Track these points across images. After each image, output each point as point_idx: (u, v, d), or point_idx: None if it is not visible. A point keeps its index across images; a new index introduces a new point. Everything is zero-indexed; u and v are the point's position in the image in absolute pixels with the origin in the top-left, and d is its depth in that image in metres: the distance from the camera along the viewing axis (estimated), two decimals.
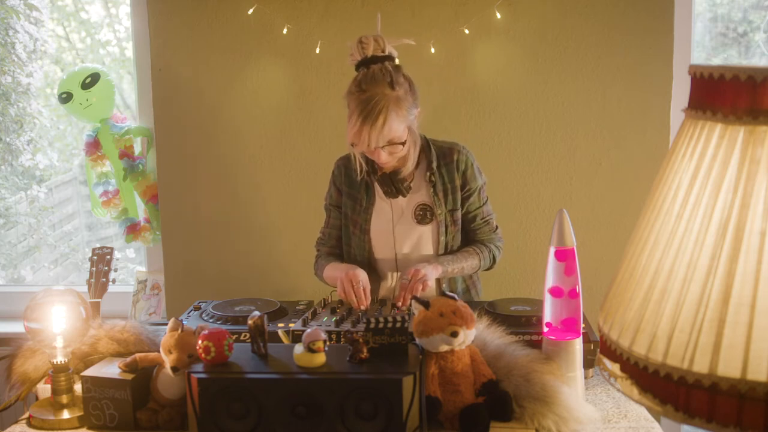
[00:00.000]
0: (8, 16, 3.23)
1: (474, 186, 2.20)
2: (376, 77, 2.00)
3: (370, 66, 2.03)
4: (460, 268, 2.17)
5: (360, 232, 2.22)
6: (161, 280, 3.11)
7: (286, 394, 1.51)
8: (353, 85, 2.04)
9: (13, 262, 3.64)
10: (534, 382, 1.59)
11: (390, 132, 1.99)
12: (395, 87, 2.00)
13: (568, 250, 1.66)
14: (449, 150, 2.19)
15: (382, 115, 1.97)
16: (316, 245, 2.37)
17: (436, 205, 2.17)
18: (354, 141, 2.03)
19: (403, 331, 1.59)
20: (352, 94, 2.02)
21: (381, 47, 2.05)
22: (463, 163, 2.18)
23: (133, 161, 3.06)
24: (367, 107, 1.97)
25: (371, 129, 1.97)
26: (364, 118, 1.97)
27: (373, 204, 2.21)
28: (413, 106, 2.06)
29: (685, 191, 0.79)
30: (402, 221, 2.19)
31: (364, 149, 2.03)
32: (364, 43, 2.05)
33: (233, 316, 1.97)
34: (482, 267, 2.24)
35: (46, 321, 1.69)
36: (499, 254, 2.28)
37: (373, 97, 1.97)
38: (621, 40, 2.80)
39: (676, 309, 0.76)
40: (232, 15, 2.90)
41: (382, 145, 2.01)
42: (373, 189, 2.21)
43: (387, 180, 2.13)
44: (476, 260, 2.20)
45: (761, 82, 0.73)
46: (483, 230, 2.25)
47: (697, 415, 0.74)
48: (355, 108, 2.00)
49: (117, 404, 1.64)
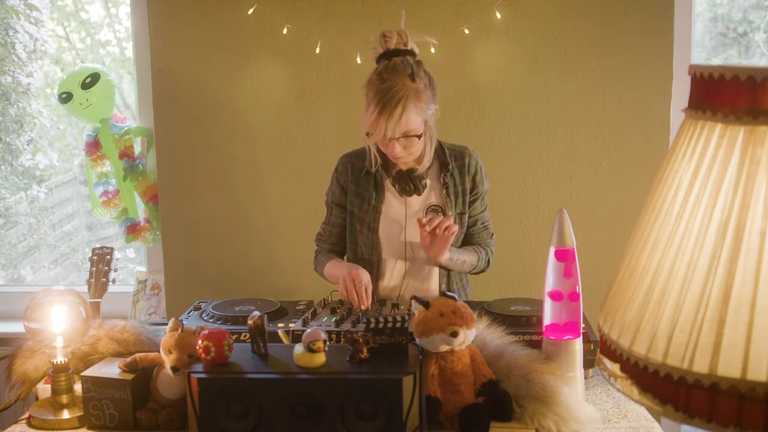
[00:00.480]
0: (8, 16, 3.23)
1: (481, 190, 2.23)
2: (398, 68, 2.02)
3: (392, 58, 2.04)
4: (462, 261, 2.19)
5: (368, 230, 2.21)
6: (161, 280, 3.11)
7: (286, 394, 1.51)
8: (374, 74, 2.05)
9: (13, 262, 3.64)
10: (534, 382, 1.59)
11: (407, 123, 2.00)
12: (416, 79, 2.01)
13: (568, 250, 1.66)
14: (461, 153, 2.20)
15: (400, 105, 1.98)
16: (316, 240, 2.37)
17: (448, 206, 2.17)
18: (370, 130, 2.03)
19: (403, 331, 1.59)
20: (372, 84, 2.03)
21: (403, 41, 2.07)
22: (474, 167, 2.21)
23: (133, 161, 3.06)
24: (386, 96, 1.98)
25: (389, 118, 1.98)
26: (383, 107, 1.98)
27: (383, 202, 2.20)
28: (432, 102, 2.07)
29: (685, 191, 0.79)
30: (413, 221, 2.18)
31: (379, 139, 2.04)
32: (387, 36, 2.07)
33: (233, 316, 1.97)
34: (478, 267, 2.27)
35: (46, 321, 1.69)
36: (492, 258, 2.32)
37: (393, 87, 1.98)
38: (621, 40, 2.80)
39: (676, 309, 0.76)
40: (232, 15, 2.90)
41: (398, 136, 2.01)
42: (383, 187, 2.20)
43: (405, 177, 2.13)
44: (475, 258, 2.24)
45: (761, 82, 0.73)
46: (482, 235, 2.29)
47: (697, 415, 0.74)
48: (373, 97, 2.01)
49: (117, 404, 1.64)
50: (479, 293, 2.50)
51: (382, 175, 2.19)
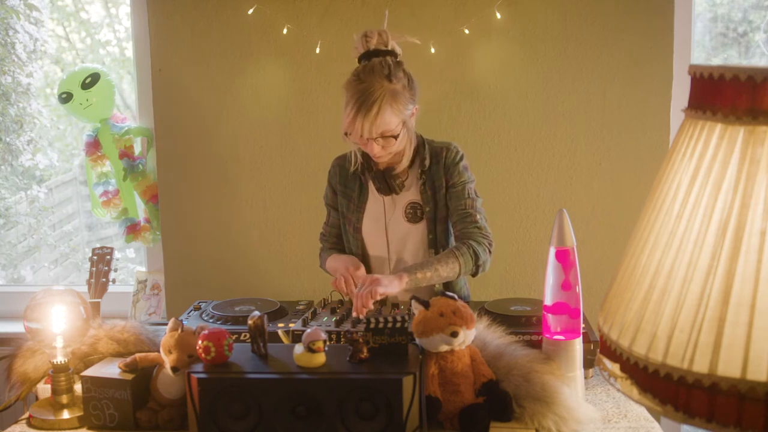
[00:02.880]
0: (8, 16, 3.23)
1: (458, 180, 2.15)
2: (375, 69, 2.03)
3: (371, 58, 2.06)
4: (434, 274, 2.02)
5: (353, 230, 2.24)
6: (161, 280, 3.11)
7: (286, 394, 1.51)
8: (352, 75, 2.06)
9: (13, 262, 3.64)
10: (534, 382, 1.59)
11: (383, 123, 2.00)
12: (392, 80, 2.02)
13: (568, 250, 1.66)
14: (440, 149, 2.19)
15: (376, 105, 1.98)
16: (320, 239, 2.40)
17: (426, 203, 2.17)
18: (348, 130, 2.05)
19: (403, 331, 1.59)
20: (350, 84, 2.05)
21: (384, 41, 2.08)
22: (450, 158, 2.16)
23: (133, 161, 3.06)
24: (362, 97, 1.99)
25: (365, 118, 1.99)
26: (359, 107, 1.99)
27: (366, 202, 2.22)
28: (410, 102, 2.06)
29: (685, 191, 0.79)
30: (393, 219, 2.21)
31: (357, 139, 2.05)
32: (368, 36, 2.08)
33: (233, 316, 1.97)
34: (464, 269, 2.07)
35: (46, 321, 1.69)
36: (483, 251, 2.09)
37: (369, 88, 1.99)
38: (621, 40, 2.80)
39: (676, 309, 0.76)
40: (232, 15, 2.90)
41: (375, 136, 2.02)
42: (367, 186, 2.23)
43: (380, 176, 2.15)
44: (455, 264, 2.04)
45: (761, 82, 0.73)
46: (464, 222, 2.13)
47: (697, 415, 0.74)
48: (351, 97, 2.02)
49: (117, 404, 1.64)
50: (479, 293, 2.50)
51: (366, 175, 2.21)
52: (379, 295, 1.91)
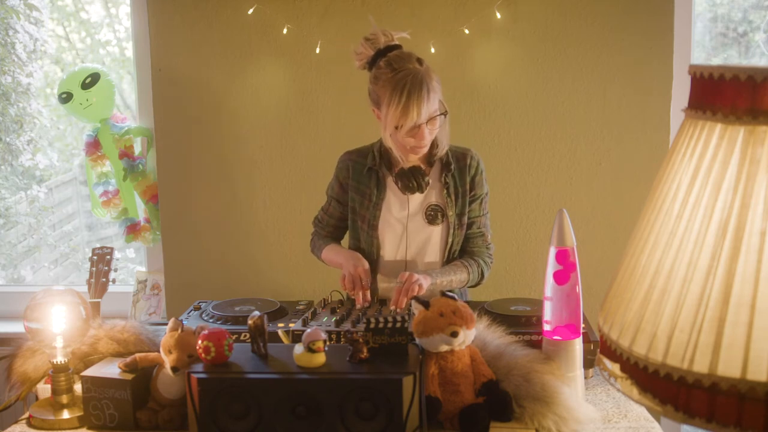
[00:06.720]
0: (8, 16, 3.23)
1: (479, 192, 2.22)
2: (404, 57, 2.04)
3: (388, 53, 2.06)
4: (449, 281, 2.14)
5: (368, 227, 2.21)
6: (161, 280, 3.11)
7: (286, 394, 1.51)
8: (381, 71, 2.04)
9: (13, 262, 3.64)
10: (534, 382, 1.59)
11: (434, 103, 2.02)
12: (422, 63, 2.05)
13: (568, 250, 1.66)
14: (463, 154, 2.20)
15: (425, 85, 1.99)
16: (314, 223, 2.39)
17: (448, 206, 2.17)
18: (400, 121, 2.01)
19: (403, 331, 1.59)
20: (386, 79, 2.02)
21: (390, 39, 2.10)
22: (474, 168, 2.20)
23: (133, 161, 3.06)
24: (408, 83, 1.98)
25: (418, 101, 1.97)
26: (409, 93, 1.97)
27: (383, 199, 2.20)
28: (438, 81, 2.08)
29: (685, 191, 0.79)
30: (413, 220, 2.20)
31: (409, 129, 2.02)
32: (372, 38, 2.09)
33: (233, 316, 1.97)
34: (470, 282, 2.22)
35: (46, 321, 1.69)
36: (487, 270, 2.26)
37: (411, 72, 2.00)
38: (621, 40, 2.80)
39: (676, 309, 0.76)
40: (232, 15, 2.90)
41: (428, 118, 2.02)
42: (384, 184, 2.20)
43: (408, 174, 2.14)
44: (465, 274, 2.18)
45: (761, 82, 0.73)
46: (477, 241, 2.25)
47: (697, 415, 0.74)
48: (394, 88, 1.99)
49: (117, 404, 1.64)
50: (479, 293, 2.50)
51: (384, 172, 2.19)
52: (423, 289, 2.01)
